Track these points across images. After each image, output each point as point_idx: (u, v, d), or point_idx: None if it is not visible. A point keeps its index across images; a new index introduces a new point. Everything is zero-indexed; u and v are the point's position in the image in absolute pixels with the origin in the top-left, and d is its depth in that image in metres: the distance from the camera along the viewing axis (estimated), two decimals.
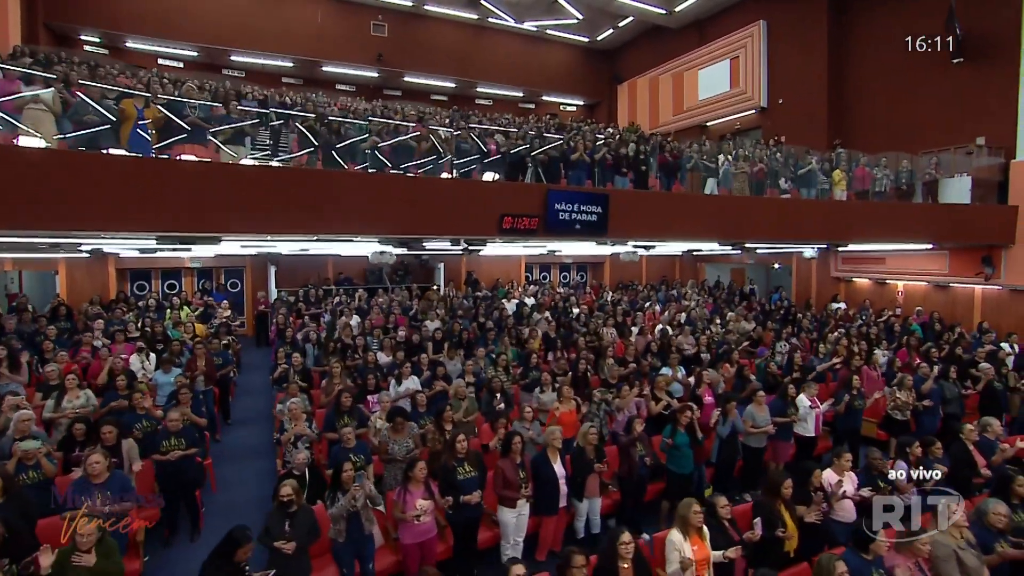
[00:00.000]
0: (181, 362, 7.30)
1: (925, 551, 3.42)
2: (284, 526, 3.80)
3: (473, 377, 6.92)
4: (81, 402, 5.48)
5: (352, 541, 4.04)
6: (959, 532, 3.63)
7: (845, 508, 4.39)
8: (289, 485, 3.89)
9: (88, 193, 5.07)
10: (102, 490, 3.91)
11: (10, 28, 12.58)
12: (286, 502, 3.84)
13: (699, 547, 3.46)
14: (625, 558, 3.39)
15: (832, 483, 4.38)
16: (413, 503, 4.06)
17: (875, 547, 3.34)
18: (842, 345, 9.01)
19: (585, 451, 4.90)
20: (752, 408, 6.05)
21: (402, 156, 7.47)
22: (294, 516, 3.85)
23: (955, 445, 5.34)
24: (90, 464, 3.94)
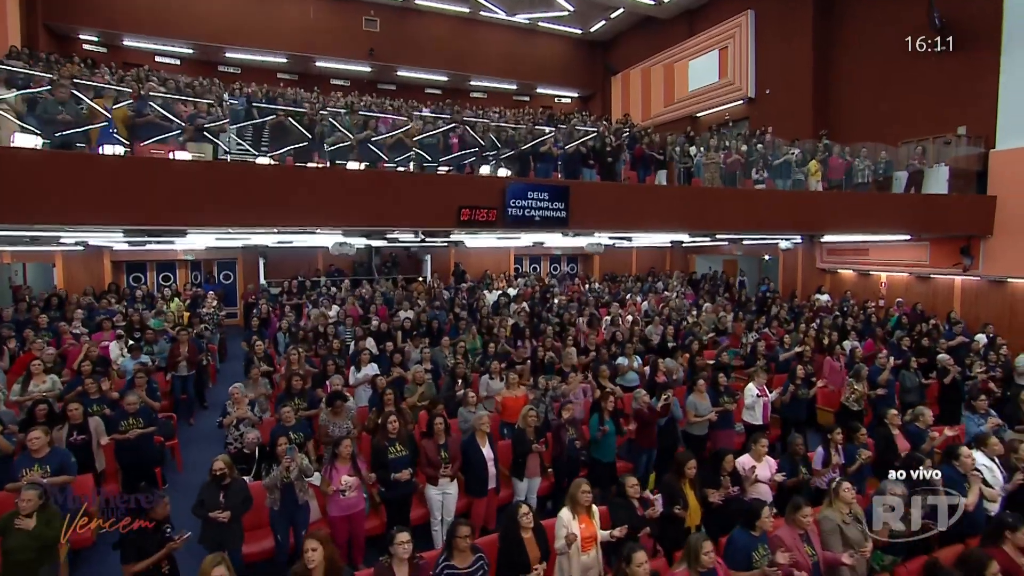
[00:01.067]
0: (154, 350, 7.69)
1: (806, 523, 3.59)
2: (219, 498, 4.10)
3: (431, 364, 7.17)
4: (47, 386, 5.84)
5: (286, 510, 4.33)
6: (847, 508, 3.80)
7: (760, 491, 4.55)
8: (221, 460, 4.19)
9: (54, 189, 5.38)
10: (42, 464, 4.23)
11: (9, 29, 13.01)
12: (219, 475, 4.13)
13: (587, 524, 3.66)
14: (527, 528, 3.62)
15: (746, 467, 4.55)
16: (338, 478, 4.33)
17: (761, 523, 3.51)
18: (809, 336, 9.10)
19: (525, 432, 5.13)
20: (694, 397, 6.20)
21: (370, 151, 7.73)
22: (227, 488, 4.14)
23: (879, 431, 5.46)
24: (30, 440, 4.25)
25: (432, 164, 7.97)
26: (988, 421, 5.96)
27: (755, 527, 3.54)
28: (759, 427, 6.50)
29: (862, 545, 3.63)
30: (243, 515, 4.20)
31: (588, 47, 21.27)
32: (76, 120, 6.10)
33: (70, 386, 6.10)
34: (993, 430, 5.83)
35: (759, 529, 3.54)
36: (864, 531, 3.71)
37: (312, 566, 2.89)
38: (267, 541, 4.53)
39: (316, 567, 2.90)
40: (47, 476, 4.13)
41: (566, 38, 20.83)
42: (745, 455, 4.66)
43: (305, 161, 7.45)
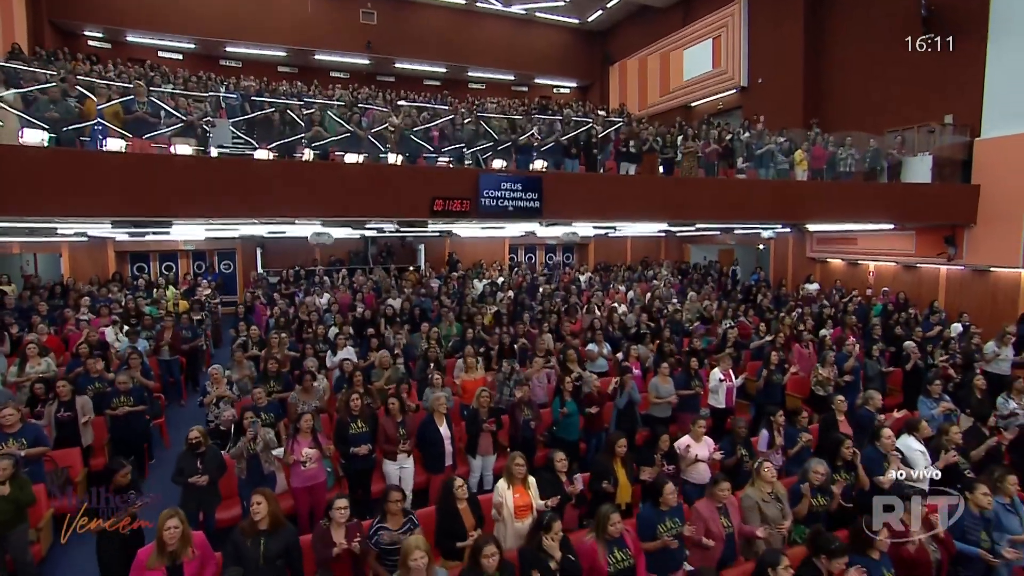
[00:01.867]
0: (153, 334, 8.11)
1: (723, 497, 3.83)
2: (195, 464, 4.47)
3: (410, 349, 7.49)
4: (42, 368, 6.26)
5: (252, 479, 4.68)
6: (768, 487, 4.03)
7: (699, 470, 4.79)
8: (196, 430, 4.55)
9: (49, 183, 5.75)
10: (16, 437, 4.60)
11: (16, 26, 13.45)
12: (195, 444, 4.49)
13: (521, 495, 3.94)
14: (461, 499, 3.91)
15: (682, 447, 4.79)
16: (299, 451, 4.66)
17: (664, 499, 3.76)
18: (785, 324, 9.25)
19: (478, 412, 5.42)
20: (656, 380, 6.44)
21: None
22: (203, 456, 4.51)
23: (826, 415, 5.66)
24: (2, 416, 4.61)
25: (410, 157, 8.24)
26: (940, 405, 6.13)
27: (659, 502, 3.78)
28: (724, 411, 6.76)
29: (779, 522, 3.86)
30: (219, 480, 4.58)
31: (586, 37, 21.26)
32: (67, 118, 6.46)
33: (70, 367, 6.53)
34: (944, 414, 6.03)
35: (665, 504, 3.77)
36: (784, 509, 3.94)
37: (258, 518, 3.22)
38: (236, 508, 4.89)
39: (261, 519, 3.22)
40: (23, 448, 4.51)
41: (564, 28, 20.85)
42: (685, 436, 4.90)
43: (286, 154, 7.76)
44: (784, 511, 3.95)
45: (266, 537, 3.23)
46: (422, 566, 2.86)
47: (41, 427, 4.98)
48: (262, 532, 3.24)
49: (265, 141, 7.61)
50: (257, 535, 3.23)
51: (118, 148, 6.55)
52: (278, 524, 3.32)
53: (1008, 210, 9.92)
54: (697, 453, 4.68)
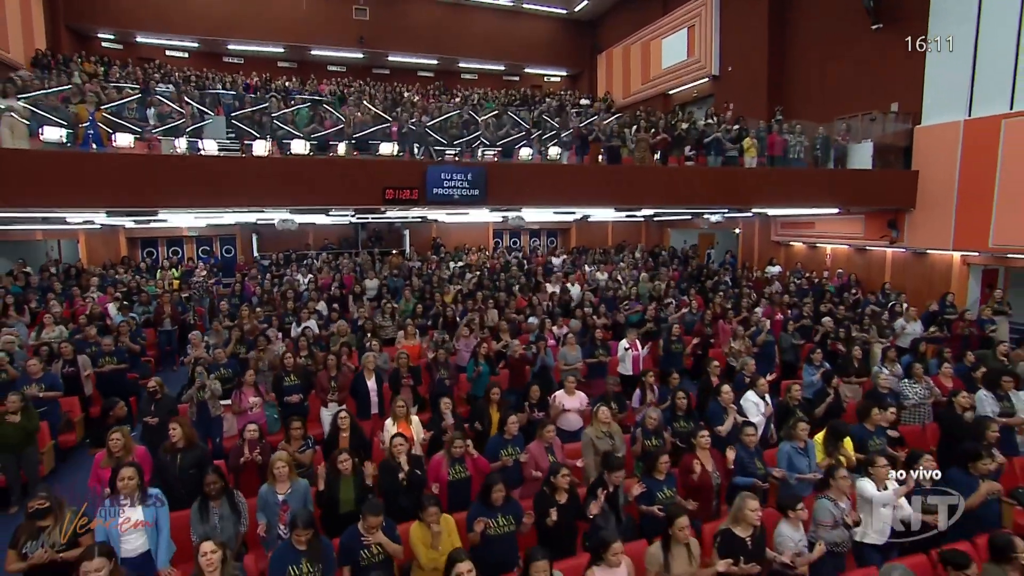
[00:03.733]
0: (150, 309, 9.35)
1: (548, 437, 4.69)
2: (150, 408, 5.56)
3: (362, 321, 8.53)
4: (55, 335, 7.48)
5: (202, 421, 5.75)
6: (605, 426, 4.91)
7: (568, 419, 5.68)
8: (154, 380, 5.64)
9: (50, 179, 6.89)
10: (38, 382, 5.79)
11: (35, 30, 14.75)
12: (152, 391, 5.59)
13: (403, 428, 4.90)
14: (343, 430, 4.88)
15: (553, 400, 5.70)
16: (246, 399, 5.73)
17: (508, 429, 4.67)
18: (716, 302, 10.02)
19: (399, 370, 6.41)
20: (564, 349, 7.34)
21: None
22: (158, 402, 5.59)
23: (702, 378, 6.49)
24: (28, 365, 5.80)
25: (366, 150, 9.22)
26: (818, 372, 6.88)
27: (503, 432, 4.70)
28: (632, 377, 7.62)
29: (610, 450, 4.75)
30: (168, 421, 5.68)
31: (574, 26, 21.75)
32: (65, 122, 7.61)
33: (71, 335, 7.75)
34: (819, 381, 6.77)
35: (508, 434, 4.66)
36: (615, 445, 4.82)
37: (175, 439, 4.27)
38: None
39: (178, 440, 4.26)
40: (42, 391, 5.70)
41: (552, 18, 21.38)
42: (559, 391, 5.82)
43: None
44: (615, 446, 4.82)
45: (182, 454, 4.28)
46: (284, 474, 3.87)
47: (57, 376, 6.17)
48: (179, 450, 4.29)
49: (252, 136, 8.71)
50: (175, 452, 4.28)
51: (125, 144, 7.73)
52: (192, 444, 4.37)
53: (942, 195, 10.42)
54: (565, 404, 5.59)
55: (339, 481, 3.94)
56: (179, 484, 4.21)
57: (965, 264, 10.51)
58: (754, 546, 3.33)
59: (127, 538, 3.44)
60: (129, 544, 3.46)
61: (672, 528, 3.22)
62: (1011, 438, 5.32)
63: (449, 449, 4.30)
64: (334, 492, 3.90)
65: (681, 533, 3.21)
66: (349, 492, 3.92)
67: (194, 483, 4.03)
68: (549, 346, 7.42)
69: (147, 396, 5.61)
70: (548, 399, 5.73)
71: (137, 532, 3.50)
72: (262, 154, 8.41)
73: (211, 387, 5.69)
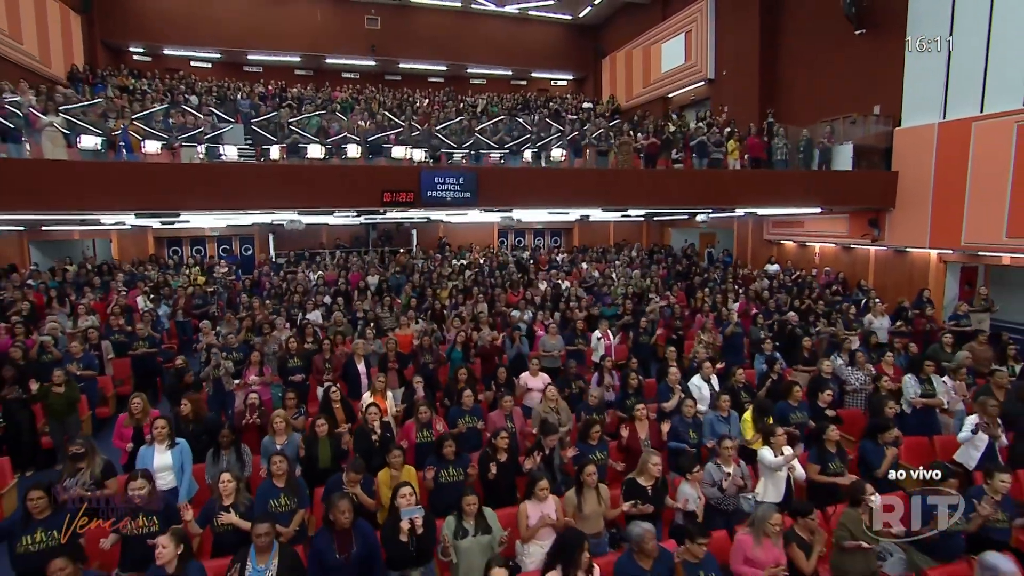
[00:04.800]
0: (171, 302, 10.33)
1: (508, 407, 5.39)
2: (177, 383, 6.44)
3: (362, 313, 9.34)
4: (89, 324, 8.46)
5: (217, 395, 6.61)
6: (553, 403, 5.58)
7: (532, 398, 6.33)
8: (180, 358, 6.54)
9: (84, 186, 7.86)
10: (77, 361, 6.73)
11: (74, 47, 16.01)
12: (180, 368, 6.48)
13: (379, 402, 5.64)
14: (335, 401, 5.66)
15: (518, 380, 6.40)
16: (248, 377, 6.56)
17: (464, 401, 5.39)
18: (697, 297, 10.59)
19: (387, 355, 7.19)
20: (545, 337, 8.04)
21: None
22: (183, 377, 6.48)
23: (660, 365, 7.11)
24: (71, 347, 6.75)
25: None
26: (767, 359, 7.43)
27: (461, 403, 5.43)
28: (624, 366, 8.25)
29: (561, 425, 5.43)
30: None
31: (579, 31, 22.33)
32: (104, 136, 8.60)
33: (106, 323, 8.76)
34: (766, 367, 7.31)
35: (465, 406, 5.40)
36: (560, 419, 5.48)
37: (185, 412, 5.10)
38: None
39: (188, 412, 5.10)
40: (80, 369, 6.64)
41: (558, 24, 22.00)
42: (525, 372, 6.52)
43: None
44: (560, 420, 5.47)
45: (194, 424, 5.12)
46: (282, 428, 4.67)
47: (94, 357, 7.14)
48: (191, 420, 5.13)
49: (268, 142, 9.64)
50: (187, 421, 5.11)
51: (152, 150, 8.71)
52: (201, 416, 5.21)
53: (919, 195, 10.79)
54: (528, 384, 6.29)
55: (317, 442, 4.72)
56: (194, 442, 5.05)
57: (942, 262, 10.86)
58: (654, 493, 3.99)
59: (159, 475, 4.27)
60: (160, 481, 4.28)
61: (582, 475, 3.90)
62: (932, 418, 5.84)
63: (417, 415, 5.05)
64: (312, 451, 4.68)
65: (589, 479, 3.88)
66: (326, 451, 4.69)
67: (203, 446, 4.86)
68: (539, 335, 8.16)
69: (174, 373, 6.50)
70: (515, 380, 6.44)
71: (166, 472, 4.34)
72: (276, 158, 9.32)
73: (224, 366, 6.55)
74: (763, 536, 3.39)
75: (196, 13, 18.05)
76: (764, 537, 3.40)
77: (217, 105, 12.83)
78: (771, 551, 3.38)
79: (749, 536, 3.43)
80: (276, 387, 6.91)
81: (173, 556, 3.04)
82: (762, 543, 3.40)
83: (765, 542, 3.40)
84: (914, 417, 5.91)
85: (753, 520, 3.50)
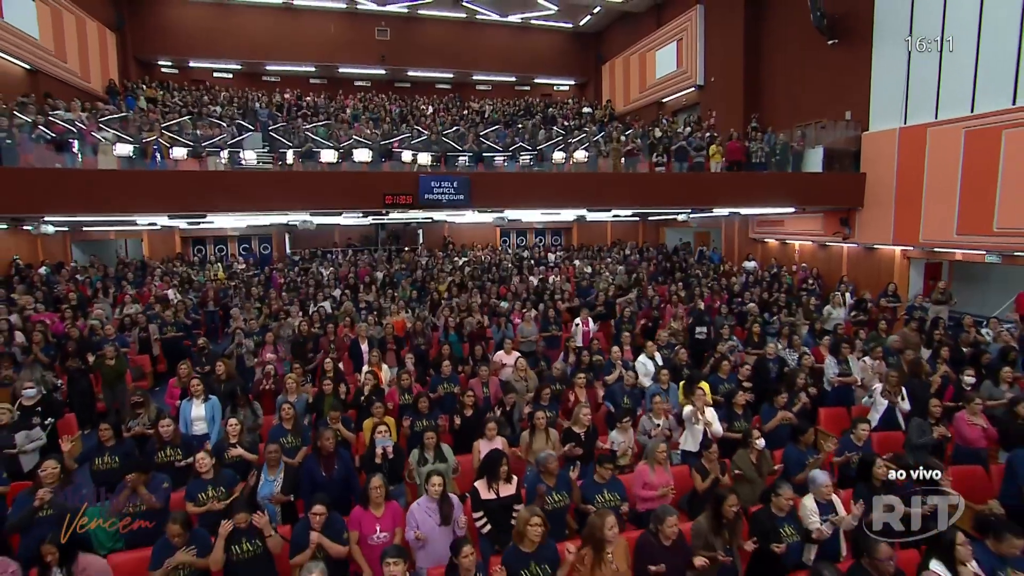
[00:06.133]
0: (198, 294, 11.58)
1: (484, 376, 6.44)
2: (202, 360, 7.58)
3: (365, 304, 10.45)
4: (131, 310, 9.70)
5: (239, 370, 7.75)
6: (523, 373, 6.60)
7: (506, 372, 7.34)
8: (202, 339, 7.69)
9: (127, 191, 9.08)
10: (112, 342, 7.92)
11: (110, 62, 17.43)
12: (201, 347, 7.63)
13: (376, 370, 6.73)
14: (330, 372, 6.75)
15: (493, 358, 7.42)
16: (263, 355, 7.68)
17: (443, 370, 6.43)
18: (672, 291, 11.49)
19: (385, 338, 8.27)
20: (523, 325, 9.05)
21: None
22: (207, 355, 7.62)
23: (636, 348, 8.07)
24: (105, 328, 7.95)
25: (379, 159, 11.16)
26: (727, 344, 8.33)
27: (440, 372, 6.47)
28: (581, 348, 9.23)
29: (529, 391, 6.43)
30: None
31: (580, 39, 23.25)
32: (139, 145, 9.85)
33: (146, 310, 9.99)
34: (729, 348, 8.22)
35: (444, 373, 6.45)
36: (528, 385, 6.48)
37: (219, 372, 6.23)
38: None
39: (221, 372, 6.23)
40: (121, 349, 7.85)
41: (559, 32, 22.94)
42: (500, 351, 7.54)
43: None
44: (528, 386, 6.46)
45: (224, 383, 6.24)
46: (292, 388, 5.77)
47: (126, 337, 8.34)
48: (223, 380, 6.24)
49: (284, 148, 10.84)
50: (220, 381, 6.23)
51: (179, 155, 9.94)
52: (232, 376, 6.34)
53: (884, 195, 11.54)
54: (503, 360, 7.31)
55: (323, 397, 5.80)
56: (223, 400, 6.16)
57: (906, 258, 11.60)
58: (586, 438, 4.97)
59: (195, 424, 5.41)
60: (195, 428, 5.43)
61: (534, 419, 4.90)
62: (849, 392, 6.72)
63: (399, 381, 6.12)
64: (319, 404, 5.77)
65: (539, 423, 4.88)
66: (328, 404, 5.77)
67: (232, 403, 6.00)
68: (516, 322, 9.18)
69: (198, 351, 7.66)
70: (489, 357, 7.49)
71: (200, 421, 5.50)
72: (291, 162, 10.50)
73: (246, 344, 7.69)
74: (656, 464, 4.37)
75: (219, 28, 19.41)
76: (657, 465, 4.37)
77: (238, 115, 14.10)
78: (662, 476, 4.35)
79: (646, 466, 4.40)
80: (287, 363, 8.03)
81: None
82: (655, 470, 4.37)
83: (658, 469, 4.37)
84: (834, 392, 6.80)
85: (646, 453, 4.47)
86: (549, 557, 3.33)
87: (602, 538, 3.22)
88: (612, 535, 3.23)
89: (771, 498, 3.78)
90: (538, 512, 3.31)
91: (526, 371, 6.60)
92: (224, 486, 4.13)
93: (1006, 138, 9.10)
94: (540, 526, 3.25)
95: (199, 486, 4.07)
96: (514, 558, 3.28)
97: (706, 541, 3.52)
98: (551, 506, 4.01)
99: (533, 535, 3.25)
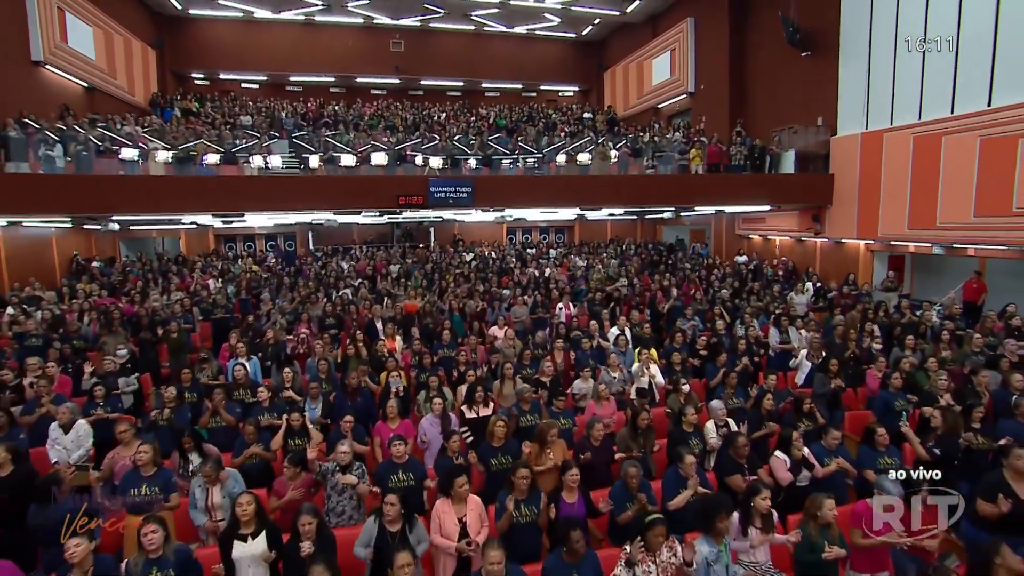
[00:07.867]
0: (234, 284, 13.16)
1: (473, 344, 7.85)
2: (247, 335, 9.10)
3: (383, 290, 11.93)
4: (179, 297, 11.27)
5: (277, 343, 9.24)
6: (511, 341, 7.99)
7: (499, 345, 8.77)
8: (250, 317, 9.20)
9: (176, 194, 10.67)
10: (178, 319, 9.49)
11: (150, 76, 19.21)
12: (247, 325, 9.14)
13: (389, 342, 8.17)
14: (359, 341, 8.21)
15: (489, 332, 8.82)
16: (298, 330, 9.16)
17: (443, 338, 7.84)
18: (655, 281, 12.78)
19: (395, 316, 9.71)
20: (515, 307, 10.43)
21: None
22: (253, 329, 9.15)
23: None
24: (173, 307, 9.52)
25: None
26: (688, 322, 9.60)
27: (442, 339, 7.88)
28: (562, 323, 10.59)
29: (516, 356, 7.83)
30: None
31: (583, 47, 24.56)
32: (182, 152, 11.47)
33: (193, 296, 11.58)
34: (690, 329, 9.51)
35: (445, 340, 7.86)
36: (516, 351, 7.88)
37: (267, 337, 7.70)
38: None
39: (271, 337, 7.70)
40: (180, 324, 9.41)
41: (563, 41, 24.28)
42: (495, 327, 8.93)
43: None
44: (515, 352, 7.86)
45: (272, 347, 7.70)
46: (320, 352, 7.21)
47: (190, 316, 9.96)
48: (271, 345, 7.72)
49: (308, 153, 12.39)
50: (268, 346, 7.71)
51: (213, 161, 11.52)
52: (278, 342, 7.82)
53: (849, 194, 12.69)
54: (496, 334, 8.69)
55: (349, 359, 7.26)
56: (270, 357, 7.63)
57: (869, 251, 12.73)
58: (551, 386, 6.33)
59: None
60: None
61: (503, 370, 6.29)
62: (788, 358, 7.98)
63: (411, 346, 7.56)
64: (347, 364, 7.21)
65: (507, 372, 6.26)
66: (355, 365, 7.20)
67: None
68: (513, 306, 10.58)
69: (246, 327, 9.18)
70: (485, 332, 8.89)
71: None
72: (316, 166, 12.04)
73: (280, 322, 9.18)
74: (602, 400, 5.72)
75: (246, 43, 21.12)
76: (603, 401, 5.73)
77: (264, 123, 15.71)
78: (607, 408, 5.71)
79: (593, 402, 5.77)
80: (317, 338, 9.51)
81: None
82: (602, 405, 5.72)
83: (604, 404, 5.73)
84: (776, 358, 8.07)
85: (593, 393, 5.83)
86: (512, 451, 4.72)
87: (545, 439, 4.58)
88: (552, 438, 4.59)
89: (680, 418, 5.12)
90: (502, 418, 4.71)
91: (513, 339, 8.00)
92: (277, 412, 5.59)
93: (946, 143, 10.24)
94: (503, 426, 4.64)
95: (260, 410, 5.54)
96: (487, 451, 4.67)
97: (627, 444, 4.86)
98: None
99: (500, 433, 4.64)
